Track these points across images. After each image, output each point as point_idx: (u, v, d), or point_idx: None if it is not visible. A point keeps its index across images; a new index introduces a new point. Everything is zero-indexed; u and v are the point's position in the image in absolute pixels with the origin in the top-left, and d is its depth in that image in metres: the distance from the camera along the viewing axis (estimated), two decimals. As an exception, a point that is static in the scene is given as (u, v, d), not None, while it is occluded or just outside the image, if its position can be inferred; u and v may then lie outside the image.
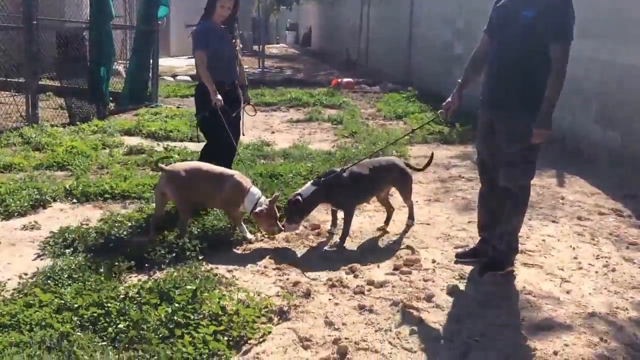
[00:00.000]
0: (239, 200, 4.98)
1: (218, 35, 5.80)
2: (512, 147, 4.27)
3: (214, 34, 5.78)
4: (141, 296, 3.82)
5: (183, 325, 3.55)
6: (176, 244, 4.66)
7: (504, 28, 4.29)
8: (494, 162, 4.49)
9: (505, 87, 4.28)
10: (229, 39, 5.93)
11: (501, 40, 4.30)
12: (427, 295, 4.17)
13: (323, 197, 5.02)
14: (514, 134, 4.25)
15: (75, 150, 7.63)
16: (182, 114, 10.95)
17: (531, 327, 3.81)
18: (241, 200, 4.97)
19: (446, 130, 9.97)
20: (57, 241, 4.85)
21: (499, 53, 4.31)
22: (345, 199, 5.10)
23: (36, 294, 3.83)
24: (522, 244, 5.14)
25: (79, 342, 3.34)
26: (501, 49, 4.29)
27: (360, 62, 19.19)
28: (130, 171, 6.86)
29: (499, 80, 4.33)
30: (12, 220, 5.42)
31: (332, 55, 23.20)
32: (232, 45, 5.96)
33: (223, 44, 5.83)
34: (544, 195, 6.58)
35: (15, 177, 6.48)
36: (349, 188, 5.04)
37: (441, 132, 9.87)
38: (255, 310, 3.80)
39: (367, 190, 5.26)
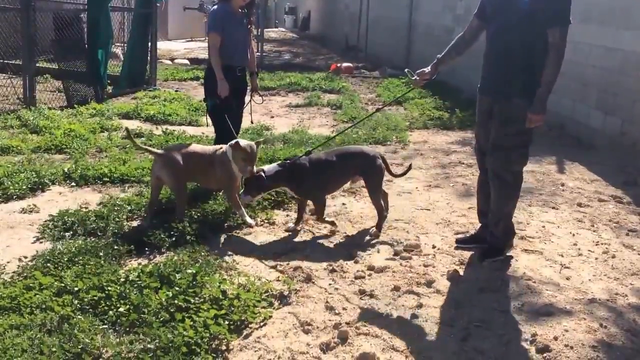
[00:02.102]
0: (231, 171, 4.98)
1: (234, 19, 5.85)
2: (508, 131, 4.27)
3: (231, 18, 5.82)
4: (141, 280, 3.83)
5: (184, 309, 3.56)
6: (176, 228, 4.66)
7: (501, 13, 4.25)
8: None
9: (504, 73, 4.26)
10: (245, 24, 5.97)
11: (499, 26, 4.27)
12: (428, 281, 4.18)
13: (284, 181, 4.90)
14: (510, 118, 4.25)
15: (74, 134, 7.60)
16: (181, 97, 10.91)
17: (531, 313, 3.82)
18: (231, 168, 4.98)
19: (446, 116, 9.96)
20: (56, 224, 4.85)
21: (497, 38, 4.29)
22: (307, 187, 4.94)
23: (36, 277, 3.83)
24: (522, 230, 5.16)
25: (79, 325, 3.35)
26: (499, 35, 4.27)
27: (360, 47, 19.10)
28: (129, 155, 6.84)
29: (498, 66, 4.31)
30: (11, 203, 5.41)
31: (331, 40, 23.08)
32: (248, 31, 6.01)
33: (238, 28, 5.87)
34: (543, 182, 6.59)
35: (13, 160, 6.46)
36: (311, 175, 4.90)
37: (441, 118, 9.85)
38: (255, 294, 3.81)
39: (332, 179, 5.07)
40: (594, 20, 8.22)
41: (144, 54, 11.87)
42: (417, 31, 15.61)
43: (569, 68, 9.18)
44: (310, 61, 18.44)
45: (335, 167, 4.99)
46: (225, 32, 5.75)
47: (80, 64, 10.24)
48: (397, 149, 7.88)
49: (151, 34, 11.92)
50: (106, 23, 10.33)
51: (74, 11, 10.99)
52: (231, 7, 5.85)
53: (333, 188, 5.26)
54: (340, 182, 5.20)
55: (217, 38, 5.75)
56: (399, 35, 16.17)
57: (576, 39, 8.60)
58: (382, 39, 18.13)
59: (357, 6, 19.32)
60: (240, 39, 5.90)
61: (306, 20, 30.53)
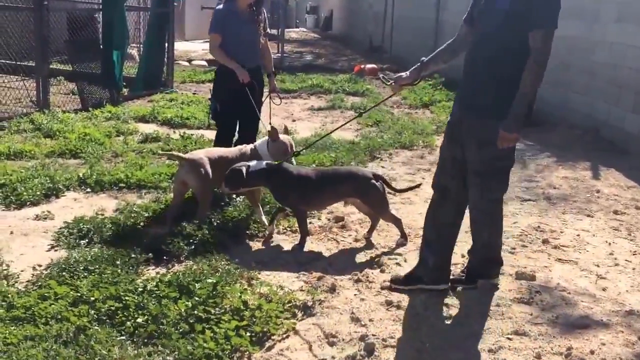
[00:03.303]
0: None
1: (240, 18, 5.93)
2: (483, 155, 3.85)
3: (235, 17, 5.91)
4: (160, 290, 3.86)
5: (204, 320, 3.59)
6: (195, 236, 4.70)
7: (481, 19, 3.88)
8: (454, 169, 4.06)
9: (479, 88, 3.85)
10: (254, 22, 6.03)
11: (478, 32, 3.91)
12: (457, 291, 4.17)
13: (265, 181, 4.89)
14: (484, 141, 3.81)
15: (88, 138, 7.69)
16: (199, 100, 10.99)
17: (566, 325, 3.80)
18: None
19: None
20: (71, 232, 4.91)
21: (474, 48, 3.90)
22: (284, 194, 4.89)
23: (51, 286, 3.88)
24: (556, 238, 5.14)
25: (96, 336, 3.39)
26: (477, 42, 3.89)
27: (384, 48, 19.10)
28: (145, 160, 6.91)
29: (473, 79, 3.91)
30: (25, 209, 5.49)
31: (354, 40, 23.10)
32: (256, 30, 6.06)
33: (244, 27, 5.94)
34: (577, 189, 6.53)
35: (27, 165, 6.55)
36: (293, 185, 4.86)
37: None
38: (278, 305, 3.83)
39: (316, 196, 4.97)
40: (630, 20, 8.14)
41: (160, 55, 11.98)
42: (445, 31, 15.55)
43: (603, 70, 9.20)
44: (333, 62, 18.49)
45: (321, 185, 4.90)
46: (229, 32, 5.88)
47: (95, 66, 10.36)
48: (424, 153, 7.87)
49: (168, 34, 12.02)
50: (121, 23, 10.43)
51: (88, 11, 11.14)
52: (236, 6, 5.95)
53: (317, 205, 5.20)
54: (325, 201, 5.11)
55: (216, 38, 5.95)
56: (426, 36, 16.13)
57: (610, 39, 8.58)
58: (407, 39, 18.11)
59: (382, 5, 19.34)
60: (247, 39, 5.99)
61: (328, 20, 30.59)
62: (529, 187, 6.53)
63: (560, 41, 9.58)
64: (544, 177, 6.93)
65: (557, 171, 7.18)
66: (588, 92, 9.05)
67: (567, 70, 9.53)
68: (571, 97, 9.45)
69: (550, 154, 7.95)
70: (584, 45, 9.14)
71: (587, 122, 8.90)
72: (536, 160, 7.68)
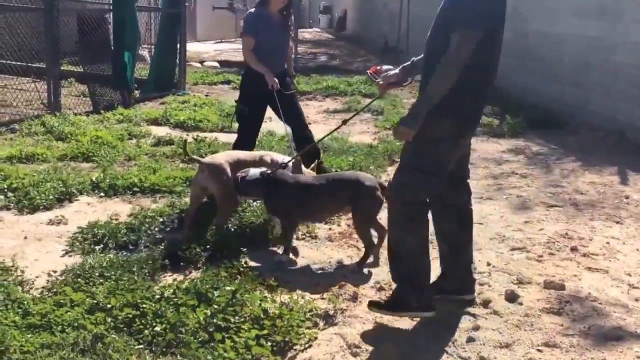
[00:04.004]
0: None
1: (271, 23, 6.07)
2: (406, 150, 3.82)
3: (266, 22, 6.06)
4: (177, 297, 3.85)
5: (223, 329, 3.57)
6: (212, 242, 4.69)
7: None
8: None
9: (420, 89, 3.76)
10: (284, 27, 6.18)
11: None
12: (484, 300, 4.13)
13: (259, 191, 4.77)
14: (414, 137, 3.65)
15: (101, 141, 7.72)
16: (211, 102, 11.01)
17: (599, 337, 3.75)
18: None
19: (495, 123, 9.88)
20: (86, 237, 4.91)
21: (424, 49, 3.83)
22: (277, 203, 4.74)
23: (67, 293, 3.87)
24: (585, 246, 5.08)
25: (113, 344, 3.38)
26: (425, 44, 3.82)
27: (400, 48, 19.05)
28: (159, 163, 6.92)
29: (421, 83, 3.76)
30: (38, 214, 5.51)
31: (369, 41, 23.05)
32: (286, 34, 6.23)
33: (274, 32, 6.09)
34: (605, 194, 6.48)
35: (39, 169, 6.57)
36: (288, 194, 4.71)
37: (490, 125, 9.76)
38: (299, 313, 3.81)
39: (314, 206, 4.79)
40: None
41: (172, 56, 12.03)
42: (462, 31, 15.56)
43: (625, 70, 9.12)
44: (348, 63, 18.48)
45: (321, 193, 4.71)
46: (260, 36, 6.00)
47: (106, 67, 10.41)
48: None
49: (180, 35, 12.06)
50: (133, 24, 10.49)
51: (98, 11, 11.19)
52: (268, 10, 6.09)
53: (314, 216, 5.06)
54: (324, 211, 4.93)
55: (250, 41, 6.05)
56: (443, 35, 16.10)
57: (633, 39, 8.50)
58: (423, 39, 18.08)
59: (397, 5, 19.30)
60: (277, 43, 6.15)
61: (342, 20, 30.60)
62: (554, 193, 6.48)
63: (580, 41, 9.65)
64: (570, 182, 6.88)
65: (583, 176, 7.12)
66: (610, 93, 8.99)
67: (588, 71, 9.49)
68: (593, 99, 9.39)
69: (575, 158, 7.89)
70: (606, 46, 9.08)
71: (610, 124, 8.83)
72: (561, 165, 7.62)
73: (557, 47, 10.38)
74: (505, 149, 8.50)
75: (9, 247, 4.81)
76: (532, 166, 7.57)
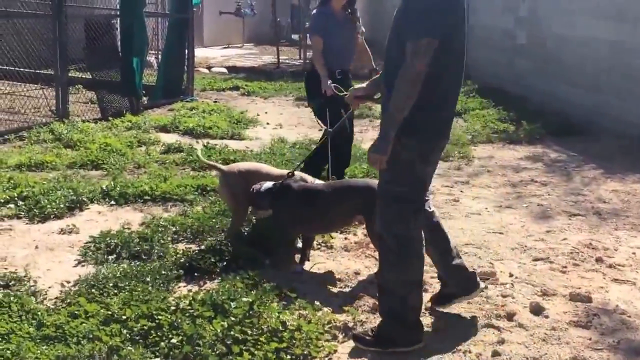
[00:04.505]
0: None
1: (335, 21, 6.14)
2: (380, 177, 3.62)
3: (331, 20, 6.14)
4: (193, 308, 3.83)
5: (241, 342, 3.54)
6: (227, 251, 4.68)
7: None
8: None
9: (382, 105, 3.61)
10: (349, 25, 6.27)
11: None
12: (508, 313, 4.09)
13: (267, 204, 4.68)
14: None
15: (110, 148, 7.73)
16: (220, 109, 11.03)
17: (629, 351, 3.71)
18: None
19: (511, 129, 9.84)
20: (98, 246, 4.91)
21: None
22: (282, 217, 4.63)
23: (81, 304, 3.87)
24: (610, 257, 5.04)
25: (130, 357, 3.37)
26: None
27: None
28: (169, 171, 6.92)
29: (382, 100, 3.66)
30: (49, 222, 5.51)
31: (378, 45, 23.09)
32: (353, 31, 6.32)
33: (338, 30, 6.16)
34: (629, 203, 6.43)
35: (49, 177, 6.59)
36: (294, 204, 4.60)
37: (506, 131, 9.73)
38: (318, 326, 3.79)
39: (321, 216, 4.64)
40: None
41: (180, 62, 12.06)
42: (475, 36, 15.47)
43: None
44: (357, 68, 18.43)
45: (330, 202, 4.58)
46: (327, 35, 6.08)
47: (113, 74, 10.44)
48: (460, 165, 7.81)
49: (188, 40, 12.07)
50: (141, 29, 10.51)
51: (105, 17, 11.22)
52: (330, 8, 6.16)
53: (321, 227, 4.85)
54: (333, 222, 4.79)
55: (318, 41, 6.15)
56: (456, 40, 16.09)
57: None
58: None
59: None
60: (340, 42, 6.16)
61: (351, 24, 30.60)
62: (576, 201, 6.43)
63: (602, 45, 9.60)
64: (592, 190, 6.83)
65: (605, 184, 7.07)
66: (633, 98, 8.93)
67: (608, 75, 9.43)
68: (615, 104, 9.31)
69: (596, 165, 7.84)
70: (628, 49, 9.04)
71: (633, 130, 8.76)
72: (581, 172, 7.58)
73: (577, 51, 10.32)
74: (523, 156, 8.47)
75: (21, 256, 4.82)
76: (552, 174, 7.53)
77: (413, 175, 3.53)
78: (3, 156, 7.30)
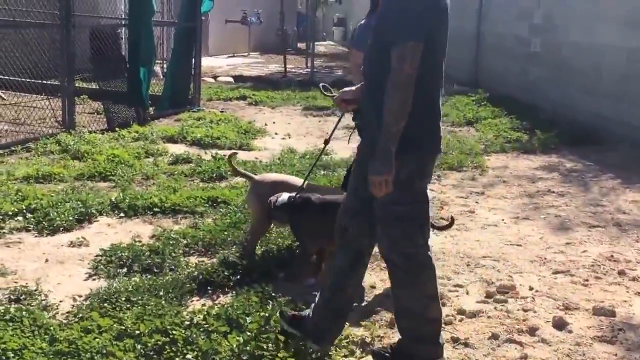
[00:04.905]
0: None
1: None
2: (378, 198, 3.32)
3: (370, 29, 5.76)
4: (208, 323, 3.81)
5: (257, 357, 3.53)
6: (240, 264, 4.66)
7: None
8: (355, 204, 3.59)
9: (364, 118, 3.53)
10: None
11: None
12: (530, 328, 4.07)
13: (285, 217, 4.63)
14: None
15: (117, 159, 7.73)
16: (228, 119, 11.03)
17: (657, 367, 3.69)
18: None
19: (525, 138, 9.83)
20: (109, 260, 4.90)
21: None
22: (302, 231, 4.54)
23: (94, 319, 3.86)
24: (632, 269, 5.01)
25: (144, 373, 3.35)
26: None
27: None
28: (178, 182, 6.91)
29: (364, 104, 3.54)
30: (58, 235, 5.50)
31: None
32: None
33: None
34: (650, 213, 6.41)
35: (57, 189, 6.59)
36: (312, 218, 4.50)
37: (519, 140, 9.72)
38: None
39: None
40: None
41: (187, 71, 12.06)
42: (487, 43, 15.52)
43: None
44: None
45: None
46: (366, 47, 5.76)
47: (120, 84, 10.45)
48: (475, 175, 7.78)
49: (196, 49, 12.09)
50: (149, 39, 10.51)
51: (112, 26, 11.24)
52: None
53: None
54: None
55: (358, 55, 5.65)
56: (466, 48, 16.09)
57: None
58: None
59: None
60: None
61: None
62: (595, 212, 6.41)
63: (620, 53, 9.55)
64: (611, 201, 6.80)
65: (624, 194, 7.04)
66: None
67: (628, 84, 9.39)
68: (631, 112, 9.28)
69: (614, 175, 7.82)
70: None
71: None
72: (598, 182, 7.55)
73: (594, 58, 10.29)
74: (538, 165, 8.45)
75: (31, 269, 4.81)
76: (568, 184, 7.50)
77: (413, 192, 3.36)
78: (10, 168, 7.30)
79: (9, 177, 6.93)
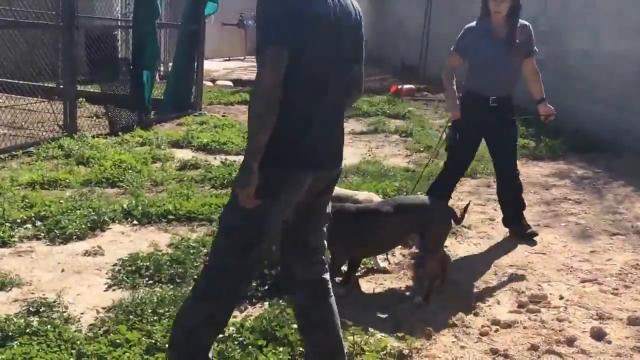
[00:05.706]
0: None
1: (491, 38, 5.47)
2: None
3: (484, 37, 5.49)
4: (243, 336, 3.72)
5: (296, 371, 3.44)
6: (269, 275, 4.56)
7: None
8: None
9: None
10: (509, 42, 5.44)
11: None
12: (568, 339, 4.00)
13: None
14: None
15: (124, 165, 7.59)
16: (231, 123, 10.90)
17: (702, 380, 3.62)
18: None
19: (532, 145, 9.77)
20: (129, 269, 4.78)
21: None
22: (337, 239, 4.19)
23: (121, 332, 3.75)
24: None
25: (179, 389, 3.24)
26: None
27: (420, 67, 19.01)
28: (190, 189, 6.79)
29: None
30: (71, 244, 5.37)
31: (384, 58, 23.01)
32: (510, 52, 5.46)
33: (491, 49, 5.45)
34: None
35: (64, 195, 6.45)
36: (346, 227, 4.36)
37: (527, 147, 9.65)
38: (372, 353, 3.69)
39: (376, 236, 4.55)
40: None
41: (189, 75, 11.90)
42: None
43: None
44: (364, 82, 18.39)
45: (384, 222, 4.50)
46: (471, 53, 5.52)
47: (120, 87, 10.31)
48: (490, 182, 7.70)
49: (198, 52, 11.97)
50: (153, 41, 10.32)
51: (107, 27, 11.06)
52: (490, 23, 5.48)
53: (375, 248, 4.75)
54: (386, 243, 4.70)
55: (453, 59, 5.65)
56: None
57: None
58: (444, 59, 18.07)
59: (413, 23, 19.29)
60: (494, 62, 5.44)
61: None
62: (614, 220, 6.36)
63: (625, 61, 9.52)
64: (627, 208, 6.76)
65: (639, 202, 7.00)
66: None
67: (633, 92, 9.37)
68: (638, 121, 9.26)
69: (624, 182, 7.77)
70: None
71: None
72: (612, 190, 7.51)
73: (600, 67, 10.24)
74: (549, 172, 8.40)
75: (47, 280, 4.68)
76: (582, 191, 7.45)
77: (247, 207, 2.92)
78: (13, 173, 7.14)
79: (12, 182, 6.75)
